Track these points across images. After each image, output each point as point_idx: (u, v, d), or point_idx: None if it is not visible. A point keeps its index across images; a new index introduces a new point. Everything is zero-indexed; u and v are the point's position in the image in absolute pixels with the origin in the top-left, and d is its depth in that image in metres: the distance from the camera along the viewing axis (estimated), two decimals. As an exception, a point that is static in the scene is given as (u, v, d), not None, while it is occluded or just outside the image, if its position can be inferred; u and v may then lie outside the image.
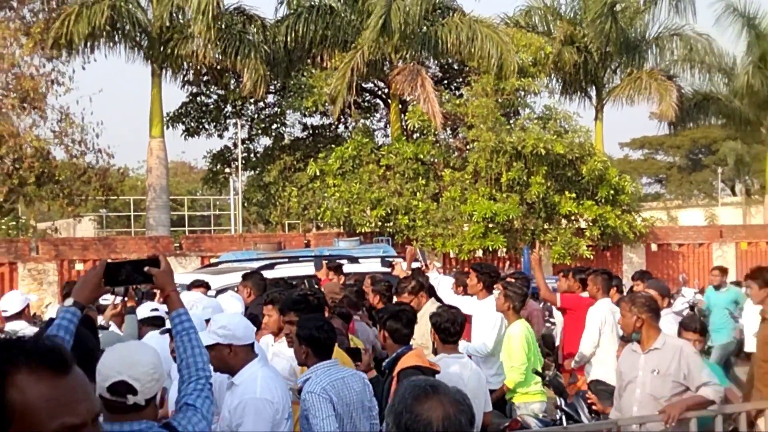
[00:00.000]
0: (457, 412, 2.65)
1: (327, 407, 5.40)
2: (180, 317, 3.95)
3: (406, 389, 2.75)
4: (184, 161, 58.49)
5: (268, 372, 5.45)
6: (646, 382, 6.69)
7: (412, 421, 2.64)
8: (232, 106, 30.15)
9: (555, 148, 23.73)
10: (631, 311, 6.78)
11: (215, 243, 23.66)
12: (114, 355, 3.51)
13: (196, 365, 3.86)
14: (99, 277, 3.87)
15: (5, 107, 21.19)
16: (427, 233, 23.73)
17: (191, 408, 3.70)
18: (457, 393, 2.75)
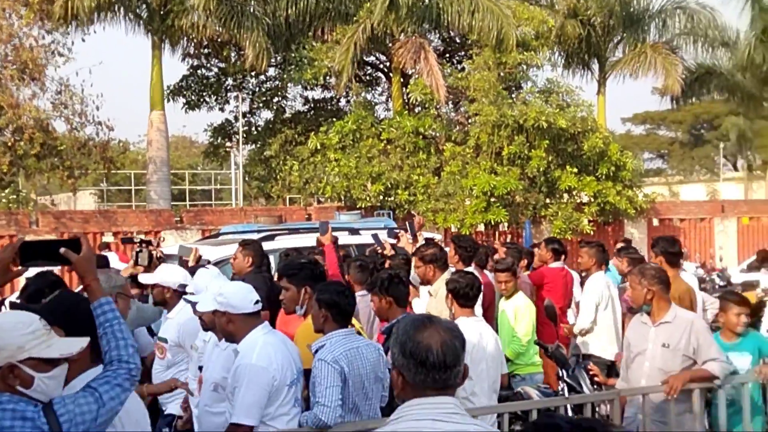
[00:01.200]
0: (453, 338, 3.16)
1: (334, 377, 5.37)
2: (102, 308, 3.75)
3: (406, 323, 3.25)
4: (185, 135, 58.32)
5: (270, 339, 5.43)
6: (655, 356, 6.64)
7: (415, 348, 3.12)
8: (233, 79, 30.02)
9: (557, 122, 23.61)
10: (641, 283, 6.70)
11: (216, 216, 23.57)
12: None
13: (119, 358, 3.69)
14: (7, 260, 3.70)
15: (4, 78, 21.05)
16: (428, 208, 23.64)
17: (89, 390, 3.55)
18: (450, 323, 3.34)
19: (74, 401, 3.47)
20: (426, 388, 3.11)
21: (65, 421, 3.41)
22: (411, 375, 3.12)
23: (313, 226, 13.52)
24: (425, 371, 3.09)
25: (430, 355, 3.08)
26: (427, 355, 3.08)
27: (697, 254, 26.23)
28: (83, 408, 3.47)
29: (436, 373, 3.09)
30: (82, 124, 23.16)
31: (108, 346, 3.70)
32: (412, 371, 3.11)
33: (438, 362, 3.08)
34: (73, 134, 23.21)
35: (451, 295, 6.79)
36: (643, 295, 6.66)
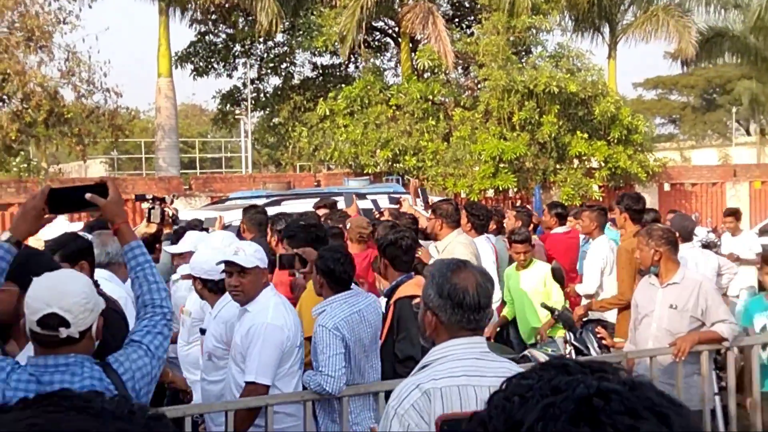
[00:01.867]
0: (485, 281, 3.34)
1: (337, 344, 5.31)
2: (133, 251, 3.71)
3: (442, 265, 3.40)
4: (194, 103, 58.29)
5: (280, 300, 5.41)
6: (663, 317, 6.56)
7: (452, 289, 3.26)
8: (241, 46, 29.88)
9: (568, 87, 23.44)
10: (648, 245, 6.60)
11: (225, 183, 23.56)
12: (42, 285, 3.28)
13: (152, 302, 3.65)
14: (38, 207, 3.60)
15: (11, 45, 20.96)
16: (437, 173, 23.55)
17: (135, 344, 3.51)
18: (481, 267, 3.64)
19: (127, 357, 3.46)
20: (461, 328, 3.25)
21: (128, 379, 3.41)
22: (447, 316, 3.25)
23: (320, 192, 13.54)
24: (461, 312, 3.24)
25: (467, 296, 3.23)
26: (464, 296, 3.23)
27: (709, 219, 26.07)
28: (138, 363, 3.47)
29: (471, 314, 3.24)
30: (90, 92, 23.10)
31: (140, 289, 3.66)
32: (449, 312, 3.25)
33: (473, 303, 3.23)
34: (81, 101, 23.13)
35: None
36: (650, 256, 6.57)
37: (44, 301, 3.19)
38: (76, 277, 3.49)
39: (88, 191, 3.67)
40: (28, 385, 3.21)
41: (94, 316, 3.33)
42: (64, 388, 3.20)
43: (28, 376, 3.24)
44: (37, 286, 3.28)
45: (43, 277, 3.40)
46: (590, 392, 1.18)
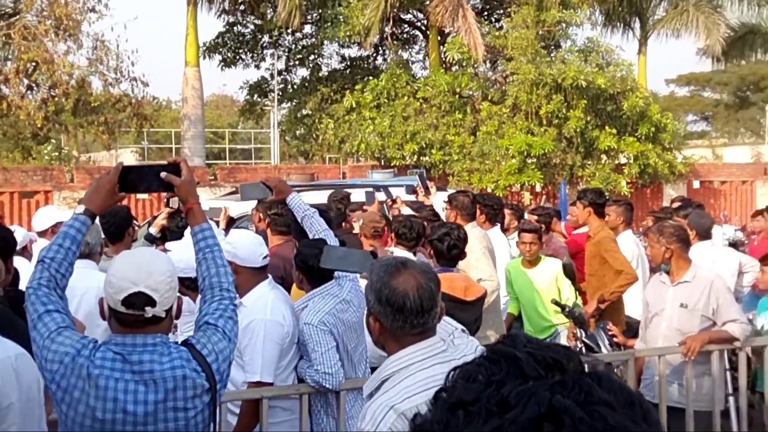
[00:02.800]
0: (427, 280, 3.09)
1: (327, 339, 5.23)
2: (203, 233, 3.68)
3: (379, 269, 3.15)
4: (225, 94, 58.38)
5: (278, 294, 5.35)
6: (673, 316, 6.46)
7: (391, 294, 3.03)
8: (269, 37, 29.88)
9: (596, 81, 23.27)
10: (659, 241, 6.49)
11: (250, 174, 23.55)
12: (126, 264, 3.25)
13: (220, 285, 3.61)
14: (113, 183, 3.60)
15: (39, 34, 21.06)
16: (463, 168, 23.45)
17: (211, 327, 3.48)
18: (424, 265, 3.30)
19: (209, 339, 3.44)
20: (405, 335, 3.06)
21: (212, 361, 3.39)
22: (389, 322, 3.06)
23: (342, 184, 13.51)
24: (403, 318, 3.03)
25: (407, 301, 3.02)
26: (404, 301, 3.02)
27: (737, 217, 25.78)
28: (219, 346, 3.45)
29: (414, 319, 3.04)
30: (117, 80, 23.19)
31: (207, 271, 3.63)
32: (390, 318, 3.05)
33: (415, 307, 3.03)
34: (108, 90, 23.21)
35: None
36: (661, 254, 6.47)
37: (130, 280, 3.18)
38: (158, 255, 3.52)
39: (162, 170, 3.67)
40: (114, 364, 3.21)
41: (175, 295, 3.33)
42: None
43: (112, 355, 3.22)
44: (121, 265, 3.27)
45: (126, 254, 3.42)
46: (541, 411, 1.09)
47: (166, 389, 3.22)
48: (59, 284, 3.44)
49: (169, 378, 3.22)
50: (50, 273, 3.41)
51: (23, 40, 20.82)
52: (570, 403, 1.08)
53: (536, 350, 1.21)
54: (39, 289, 3.38)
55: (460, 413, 1.14)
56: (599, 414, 1.08)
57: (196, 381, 3.29)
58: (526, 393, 1.11)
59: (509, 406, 1.10)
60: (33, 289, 3.39)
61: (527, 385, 1.13)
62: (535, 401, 1.09)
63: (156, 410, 3.21)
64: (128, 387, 3.18)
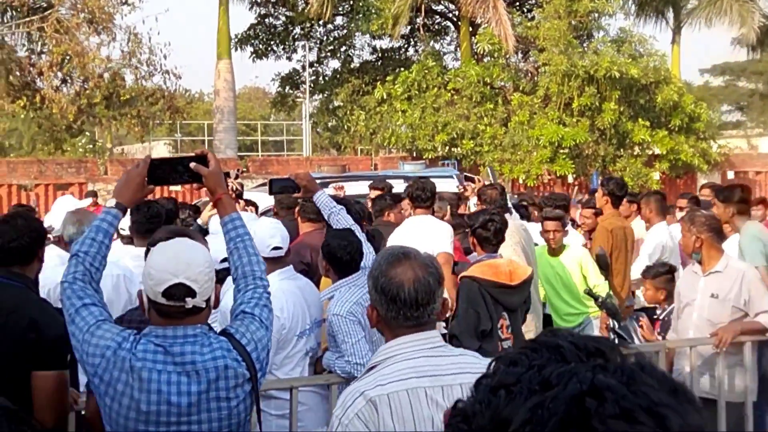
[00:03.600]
0: (426, 274, 3.03)
1: (356, 330, 5.23)
2: (233, 222, 3.68)
3: (381, 256, 3.17)
4: (258, 86, 58.50)
5: (285, 286, 5.29)
6: (704, 306, 6.40)
7: (387, 283, 3.01)
8: (301, 28, 29.94)
9: (629, 72, 23.12)
10: (690, 231, 6.42)
11: (282, 166, 23.65)
12: (165, 256, 3.25)
13: (253, 274, 3.61)
14: (142, 176, 3.62)
15: (72, 27, 21.22)
16: (495, 158, 23.39)
17: (249, 315, 3.48)
18: (427, 258, 3.17)
19: (247, 329, 3.45)
20: (399, 326, 3.03)
21: (252, 350, 3.40)
22: (383, 311, 3.04)
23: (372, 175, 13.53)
24: (396, 308, 3.00)
25: (401, 292, 2.99)
26: (398, 291, 2.99)
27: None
28: (257, 335, 3.46)
29: (408, 311, 3.00)
30: (150, 73, 23.32)
31: (240, 261, 3.63)
32: (384, 307, 3.03)
33: (410, 299, 2.99)
34: (140, 83, 23.36)
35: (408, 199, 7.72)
36: (692, 243, 6.40)
37: (170, 272, 3.17)
38: (196, 245, 3.48)
39: (190, 161, 3.69)
40: (156, 356, 3.22)
41: (213, 285, 3.33)
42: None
43: (154, 347, 3.23)
44: (158, 257, 3.27)
45: (163, 246, 3.40)
46: (583, 389, 1.08)
47: (208, 380, 3.23)
48: (94, 278, 3.45)
49: (211, 368, 3.24)
50: (85, 267, 3.42)
51: (56, 33, 20.98)
52: (613, 381, 1.08)
53: (578, 340, 1.20)
54: (74, 283, 3.39)
55: (502, 392, 1.14)
56: (642, 392, 1.08)
57: (237, 370, 3.30)
58: (567, 373, 1.10)
59: (551, 385, 1.10)
60: (68, 283, 3.40)
61: (569, 366, 1.13)
62: (577, 380, 1.08)
63: (199, 401, 3.23)
64: (171, 379, 3.19)
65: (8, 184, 21.43)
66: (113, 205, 3.59)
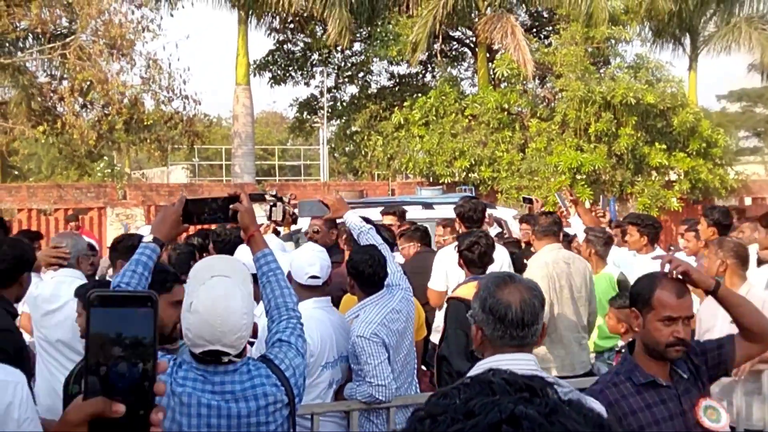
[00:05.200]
0: (532, 297, 3.20)
1: (380, 352, 5.27)
2: (265, 257, 3.82)
3: (489, 279, 3.33)
4: (275, 111, 58.79)
5: (317, 315, 5.31)
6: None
7: (495, 304, 3.17)
8: (319, 54, 30.10)
9: (645, 98, 23.15)
10: (716, 254, 6.46)
11: (299, 191, 23.73)
12: (202, 318, 3.25)
13: (285, 305, 3.72)
14: (178, 213, 3.80)
15: (94, 54, 21.42)
16: (512, 185, 23.42)
17: (285, 343, 3.58)
18: (531, 282, 3.37)
19: (285, 355, 3.54)
20: (504, 345, 3.17)
21: (290, 376, 3.49)
22: (489, 331, 3.18)
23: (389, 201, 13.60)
24: (503, 328, 3.15)
25: (509, 312, 3.14)
26: (506, 311, 3.14)
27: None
28: (295, 361, 3.55)
29: (514, 330, 3.14)
30: (169, 99, 23.49)
31: (273, 293, 3.75)
32: (491, 327, 3.17)
33: (516, 320, 3.14)
34: (160, 108, 23.53)
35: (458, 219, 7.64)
36: (716, 266, 6.43)
37: (206, 339, 3.26)
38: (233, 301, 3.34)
39: (222, 202, 3.87)
40: (195, 383, 3.30)
41: (249, 332, 3.40)
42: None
43: (195, 374, 3.32)
44: (195, 318, 3.27)
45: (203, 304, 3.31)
46: (502, 417, 1.12)
47: (248, 406, 3.31)
48: None
49: (250, 396, 3.32)
50: None
51: (78, 60, 21.19)
52: (531, 411, 1.13)
53: (512, 378, 1.25)
54: None
55: (427, 422, 1.20)
56: (560, 422, 1.12)
57: (276, 396, 3.38)
58: (490, 403, 1.16)
59: (473, 414, 1.15)
60: None
61: (494, 398, 1.18)
62: (498, 409, 1.14)
63: (239, 425, 3.29)
64: (211, 404, 3.26)
65: (28, 208, 21.60)
66: (151, 240, 3.75)
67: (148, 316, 1.60)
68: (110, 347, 1.57)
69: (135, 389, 1.58)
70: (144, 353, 1.59)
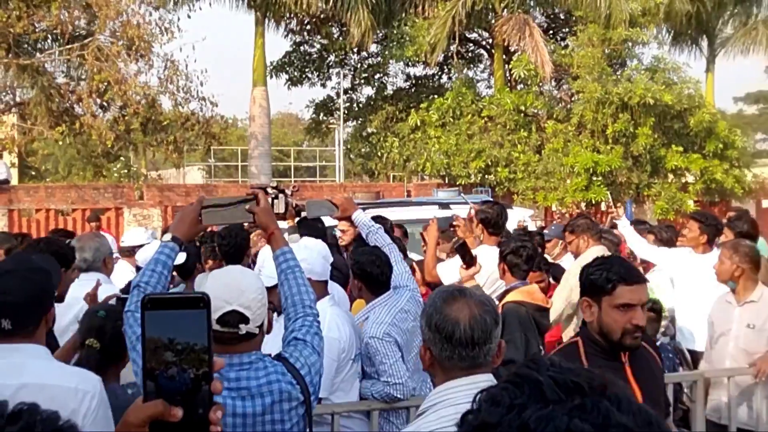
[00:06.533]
0: (483, 312, 2.91)
1: (393, 351, 5.30)
2: (285, 255, 3.83)
3: (436, 294, 3.06)
4: (291, 112, 58.90)
5: (337, 310, 5.38)
6: (739, 336, 6.43)
7: (441, 321, 2.90)
8: (335, 56, 30.14)
9: (662, 98, 23.11)
10: (731, 259, 6.47)
11: (316, 192, 23.76)
12: (218, 283, 3.35)
13: (302, 302, 3.72)
14: (196, 213, 3.81)
15: (112, 55, 21.50)
16: (528, 186, 23.42)
17: (301, 342, 3.58)
18: (483, 296, 3.13)
19: (300, 353, 3.54)
20: (453, 366, 2.90)
21: (305, 374, 3.49)
22: (437, 350, 2.91)
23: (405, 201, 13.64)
24: (451, 347, 2.88)
25: (457, 330, 2.87)
26: (453, 329, 2.87)
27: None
28: (311, 359, 3.54)
29: (463, 350, 2.87)
30: (186, 100, 23.54)
31: (290, 291, 3.75)
32: (438, 347, 2.91)
33: (465, 338, 2.86)
34: (177, 110, 23.58)
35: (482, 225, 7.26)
36: (731, 271, 6.44)
37: (224, 299, 3.25)
38: (248, 272, 3.63)
39: (239, 203, 3.89)
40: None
41: (266, 311, 3.43)
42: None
43: None
44: (212, 285, 3.35)
45: (217, 274, 3.56)
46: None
47: (263, 403, 3.31)
48: None
49: (266, 392, 3.32)
50: None
51: (96, 61, 21.27)
52: (587, 427, 1.14)
53: (558, 374, 1.25)
54: (136, 311, 3.48)
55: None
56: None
57: (292, 394, 3.38)
58: (545, 417, 1.16)
59: (529, 429, 1.17)
60: (131, 312, 3.55)
61: (547, 410, 1.18)
62: (553, 425, 1.14)
63: (254, 423, 3.30)
64: (225, 402, 3.23)
65: (46, 208, 21.68)
66: (170, 239, 3.77)
67: (201, 317, 1.63)
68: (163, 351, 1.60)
69: (192, 390, 1.61)
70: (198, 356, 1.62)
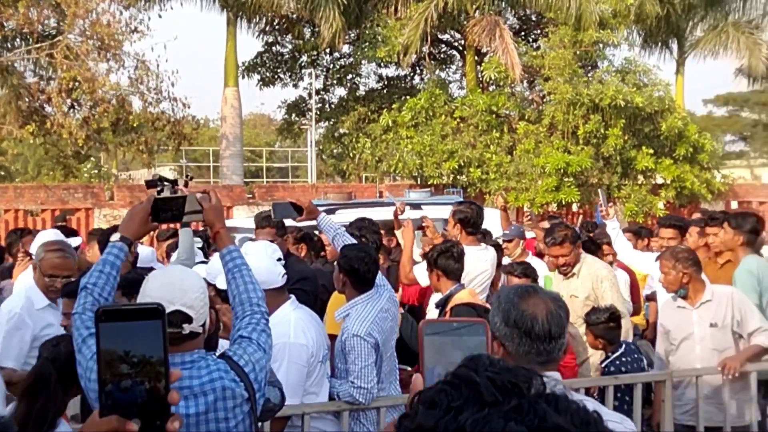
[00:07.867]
0: (557, 308, 3.02)
1: (370, 353, 5.28)
2: (231, 254, 3.81)
3: (510, 291, 3.14)
4: (263, 113, 58.79)
5: (301, 314, 5.27)
6: (705, 337, 6.47)
7: (520, 317, 2.97)
8: (308, 56, 30.08)
9: (633, 100, 23.24)
10: (675, 267, 6.49)
11: (288, 192, 23.69)
12: (160, 283, 3.35)
13: (250, 301, 3.70)
14: (146, 212, 3.75)
15: (81, 53, 21.36)
16: (500, 186, 23.46)
17: (246, 339, 3.57)
18: (554, 293, 3.25)
19: (245, 351, 3.52)
20: (530, 360, 2.93)
21: (249, 371, 3.47)
22: (514, 346, 2.97)
23: (377, 202, 13.63)
24: (530, 342, 2.95)
25: (536, 325, 2.95)
26: (532, 324, 2.95)
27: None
28: (255, 356, 3.53)
29: (541, 344, 2.95)
30: (157, 100, 23.42)
31: (237, 289, 3.73)
32: (516, 342, 2.97)
33: (543, 332, 2.95)
34: (148, 110, 23.46)
35: (460, 225, 7.19)
36: (678, 279, 6.47)
37: (166, 299, 3.20)
38: (189, 272, 3.65)
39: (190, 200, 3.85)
40: None
41: (208, 310, 3.43)
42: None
43: None
44: (154, 284, 3.36)
45: (157, 274, 3.55)
46: None
47: (206, 401, 3.29)
48: None
49: (208, 391, 3.30)
50: (94, 297, 3.53)
51: (65, 59, 21.12)
52: (523, 429, 1.14)
53: (496, 374, 1.24)
54: (83, 314, 3.48)
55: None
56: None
57: (235, 391, 3.37)
58: (481, 420, 1.16)
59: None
60: (78, 314, 3.51)
61: (483, 413, 1.18)
62: (489, 428, 1.14)
63: (198, 422, 3.28)
64: None
65: (15, 209, 21.49)
66: (118, 239, 3.70)
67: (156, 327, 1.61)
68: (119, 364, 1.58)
69: (148, 402, 1.59)
70: (154, 368, 1.59)
